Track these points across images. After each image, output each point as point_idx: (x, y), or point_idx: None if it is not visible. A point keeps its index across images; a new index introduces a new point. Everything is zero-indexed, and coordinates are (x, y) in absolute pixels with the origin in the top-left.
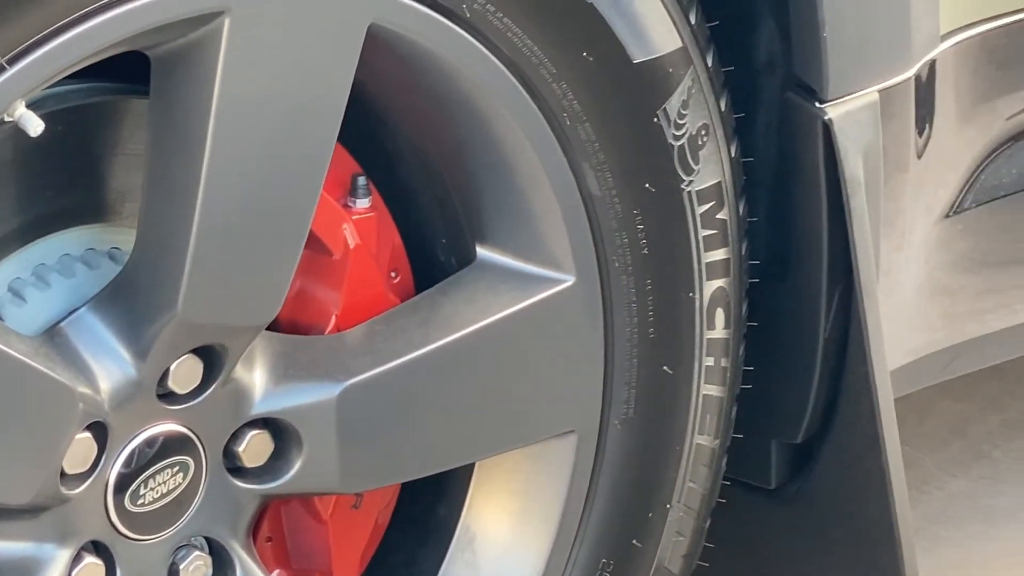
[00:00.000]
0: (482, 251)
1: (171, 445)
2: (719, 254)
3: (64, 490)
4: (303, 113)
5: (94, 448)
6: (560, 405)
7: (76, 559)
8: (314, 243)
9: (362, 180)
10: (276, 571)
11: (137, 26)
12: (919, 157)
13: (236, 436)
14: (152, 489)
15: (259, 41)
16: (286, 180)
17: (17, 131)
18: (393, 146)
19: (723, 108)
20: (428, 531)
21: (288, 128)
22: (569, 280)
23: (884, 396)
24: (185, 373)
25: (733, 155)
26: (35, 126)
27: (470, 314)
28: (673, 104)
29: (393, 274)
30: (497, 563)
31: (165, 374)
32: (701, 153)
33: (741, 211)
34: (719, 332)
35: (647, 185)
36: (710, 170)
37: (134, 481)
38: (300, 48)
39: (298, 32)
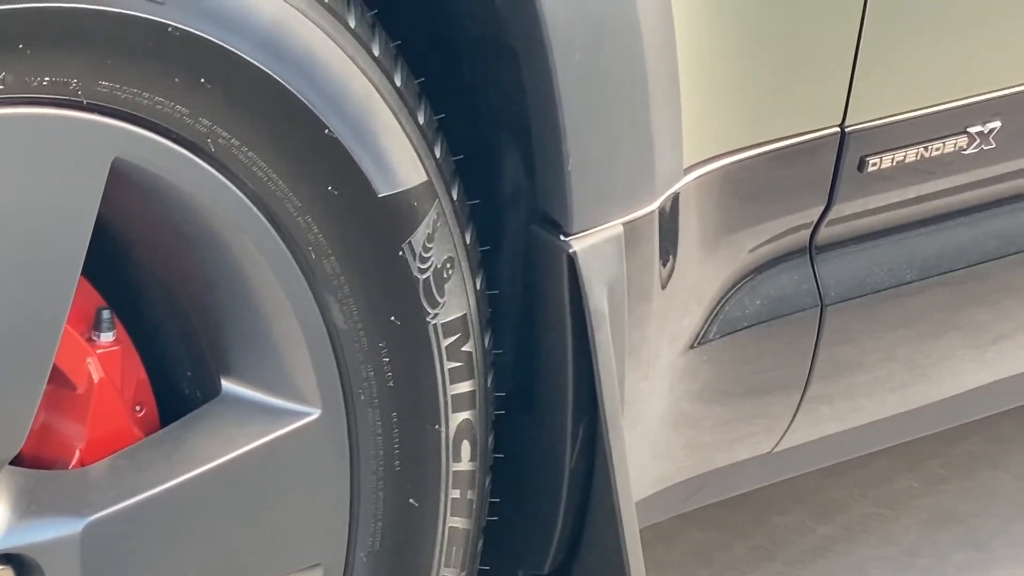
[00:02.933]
0: (227, 384)
1: None
2: (465, 386)
3: None
4: (46, 247)
5: None
6: (306, 538)
7: None
8: (58, 377)
9: (106, 314)
10: None
11: None
12: (663, 288)
13: None
14: None
15: (0, 174)
16: (29, 314)
17: None
18: (139, 279)
19: (469, 241)
20: None
21: (30, 262)
22: (315, 413)
23: (630, 526)
24: None
25: (479, 288)
26: None
27: (215, 448)
28: (418, 237)
29: (138, 408)
30: None
31: None
32: (446, 286)
33: (487, 343)
34: (465, 464)
35: (392, 318)
36: (455, 303)
37: None
38: (42, 182)
39: (40, 165)
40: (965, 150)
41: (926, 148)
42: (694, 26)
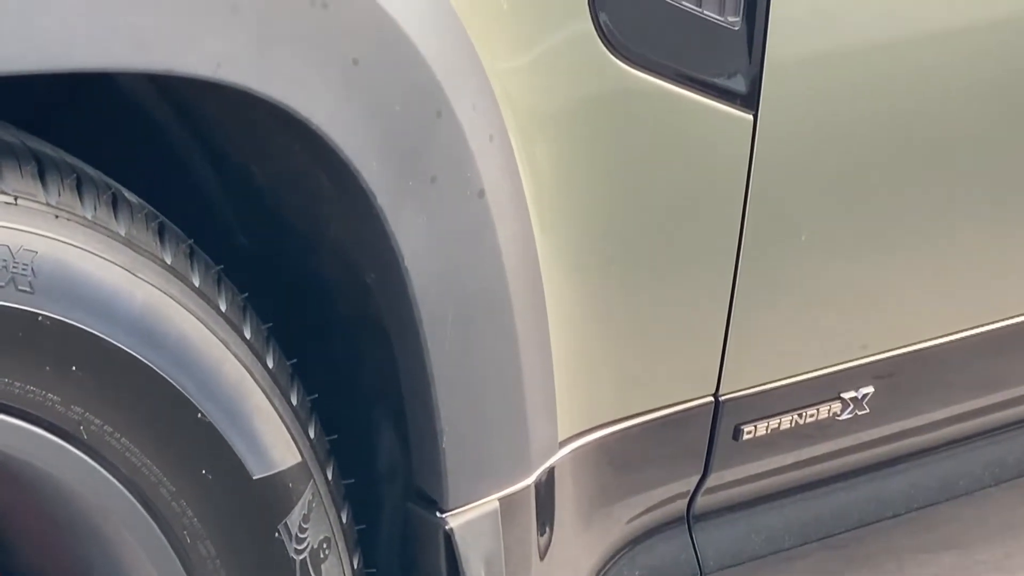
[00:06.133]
0: None
1: None
2: None
3: None
4: None
5: None
6: None
7: None
8: None
9: None
10: None
11: None
12: (542, 559)
13: None
14: None
15: None
16: None
17: None
18: (12, 566)
19: (345, 520)
20: None
21: None
22: None
23: None
24: None
25: (356, 567)
26: None
27: None
28: (294, 518)
29: None
30: None
31: None
32: (323, 566)
33: None
34: None
35: None
36: None
37: None
38: None
39: None
40: (839, 415)
41: (800, 415)
42: (566, 301)
